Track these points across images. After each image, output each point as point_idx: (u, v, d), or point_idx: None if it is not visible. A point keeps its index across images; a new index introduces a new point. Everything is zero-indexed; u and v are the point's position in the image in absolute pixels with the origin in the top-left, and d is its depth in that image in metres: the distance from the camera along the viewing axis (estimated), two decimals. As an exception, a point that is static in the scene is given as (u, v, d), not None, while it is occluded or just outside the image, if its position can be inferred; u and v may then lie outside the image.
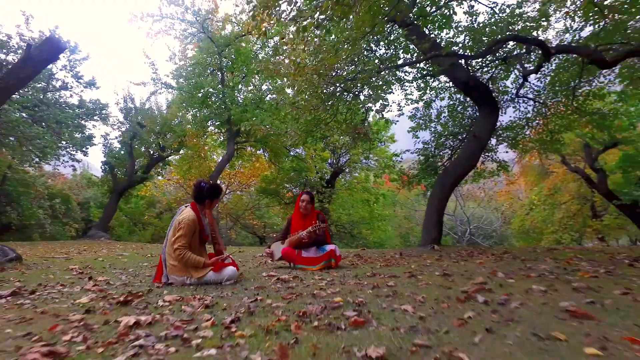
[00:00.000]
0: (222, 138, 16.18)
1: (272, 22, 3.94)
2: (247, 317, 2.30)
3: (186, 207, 3.99)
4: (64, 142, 15.93)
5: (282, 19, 3.93)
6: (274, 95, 14.45)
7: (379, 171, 16.90)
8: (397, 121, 12.12)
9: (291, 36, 5.23)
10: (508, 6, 8.90)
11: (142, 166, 16.44)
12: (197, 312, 2.50)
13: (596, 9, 7.75)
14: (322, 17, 3.75)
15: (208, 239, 4.07)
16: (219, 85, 14.13)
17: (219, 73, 14.54)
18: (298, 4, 3.81)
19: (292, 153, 17.30)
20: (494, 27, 8.84)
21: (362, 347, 1.56)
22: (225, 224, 21.21)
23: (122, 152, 16.42)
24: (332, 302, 2.52)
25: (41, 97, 15.62)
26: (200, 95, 14.28)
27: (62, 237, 20.57)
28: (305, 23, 3.78)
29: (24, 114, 14.26)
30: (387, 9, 4.37)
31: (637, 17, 7.94)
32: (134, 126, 15.40)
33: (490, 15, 9.20)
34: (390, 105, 9.85)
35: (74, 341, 1.94)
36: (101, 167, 16.87)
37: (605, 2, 7.91)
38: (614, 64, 7.28)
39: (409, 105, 10.44)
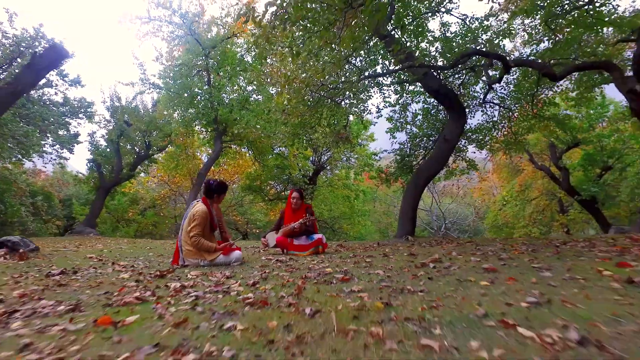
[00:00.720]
0: (207, 136, 16.85)
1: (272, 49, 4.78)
2: (263, 281, 3.18)
3: (198, 202, 4.82)
4: (50, 140, 16.30)
5: (280, 49, 4.77)
6: (259, 97, 15.24)
7: (359, 169, 17.91)
8: (376, 122, 13.13)
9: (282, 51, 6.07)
10: (477, 18, 10.00)
11: (128, 164, 16.95)
12: (222, 280, 3.36)
13: (550, 27, 8.94)
14: (312, 46, 4.62)
15: (217, 228, 4.92)
16: (206, 86, 14.81)
17: (205, 74, 15.20)
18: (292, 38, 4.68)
19: (275, 151, 18.12)
20: (465, 38, 9.95)
21: (348, 288, 2.47)
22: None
23: (108, 150, 16.89)
24: (324, 271, 3.43)
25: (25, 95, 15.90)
26: (186, 95, 14.90)
27: (43, 234, 20.80)
28: (302, 52, 4.63)
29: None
30: (366, 36, 5.28)
31: (584, 35, 9.17)
32: (120, 124, 15.90)
33: (461, 26, 10.27)
34: (370, 109, 10.76)
35: (144, 296, 2.78)
36: (87, 165, 17.29)
37: (567, 16, 9.12)
38: (562, 77, 8.45)
39: (387, 107, 11.45)
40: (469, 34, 10.03)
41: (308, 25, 4.71)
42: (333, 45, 5.11)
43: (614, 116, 16.85)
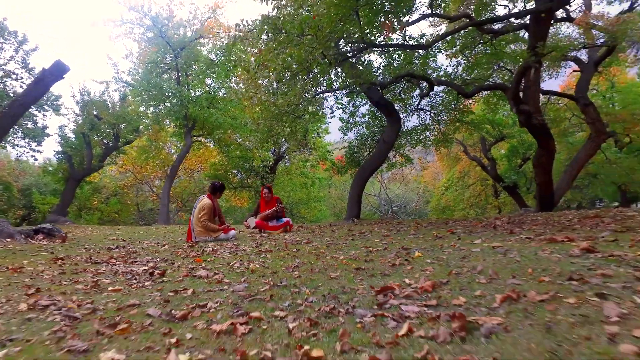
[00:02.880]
0: (176, 130, 18.72)
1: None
2: (260, 245, 5.66)
3: (204, 197, 7.18)
4: (20, 133, 17.50)
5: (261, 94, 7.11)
6: (225, 94, 17.32)
7: (315, 162, 20.52)
8: (330, 122, 15.68)
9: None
10: (413, 38, 12.69)
11: (97, 155, 18.44)
12: (233, 247, 5.80)
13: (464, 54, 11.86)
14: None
15: (217, 215, 7.31)
16: (176, 85, 16.66)
17: (174, 72, 17.01)
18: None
19: (238, 140, 20.23)
20: (403, 54, 12.62)
21: (309, 245, 5.04)
22: (176, 207, 23.81)
23: (77, 142, 18.27)
24: (295, 240, 5.97)
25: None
26: (154, 92, 16.65)
27: (3, 223, 21.75)
28: (276, 93, 7.03)
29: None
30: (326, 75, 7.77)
31: (493, 60, 12.14)
32: (91, 118, 17.38)
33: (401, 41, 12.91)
34: (324, 111, 13.27)
35: (198, 254, 5.17)
36: (55, 157, 18.63)
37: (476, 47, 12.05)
38: (472, 95, 11.42)
39: (339, 109, 14.04)
40: (406, 53, 12.74)
41: (281, 74, 7.13)
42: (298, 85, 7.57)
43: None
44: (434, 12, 10.23)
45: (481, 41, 11.61)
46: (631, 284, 1.89)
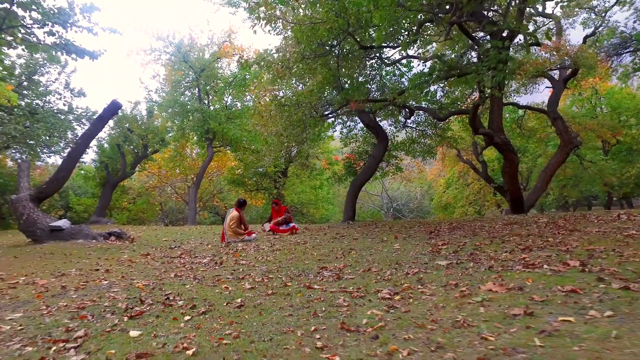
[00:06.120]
0: (197, 141, 22.36)
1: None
2: (273, 245, 9.03)
3: (233, 210, 10.60)
4: (62, 144, 21.26)
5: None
6: (240, 109, 20.78)
7: (321, 171, 24.01)
8: (333, 133, 18.97)
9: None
10: (404, 65, 15.81)
11: (129, 163, 22.14)
12: (255, 247, 9.18)
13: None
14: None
15: (242, 223, 10.72)
16: (197, 103, 20.17)
17: (196, 91, 20.52)
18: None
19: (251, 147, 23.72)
20: (393, 78, 15.75)
21: (308, 242, 8.40)
22: (197, 207, 27.59)
23: (110, 152, 22.00)
24: (296, 242, 9.31)
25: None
26: (177, 110, 20.19)
27: (44, 222, 25.75)
28: (283, 135, 10.38)
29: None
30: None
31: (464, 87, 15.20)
32: (124, 131, 21.03)
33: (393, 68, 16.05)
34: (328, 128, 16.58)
35: (240, 249, 8.56)
36: (93, 164, 22.46)
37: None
38: (444, 119, 14.54)
39: (339, 125, 17.33)
40: (396, 76, 15.86)
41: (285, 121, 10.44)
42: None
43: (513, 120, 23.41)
44: (408, 55, 13.39)
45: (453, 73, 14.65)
46: (420, 264, 5.20)
